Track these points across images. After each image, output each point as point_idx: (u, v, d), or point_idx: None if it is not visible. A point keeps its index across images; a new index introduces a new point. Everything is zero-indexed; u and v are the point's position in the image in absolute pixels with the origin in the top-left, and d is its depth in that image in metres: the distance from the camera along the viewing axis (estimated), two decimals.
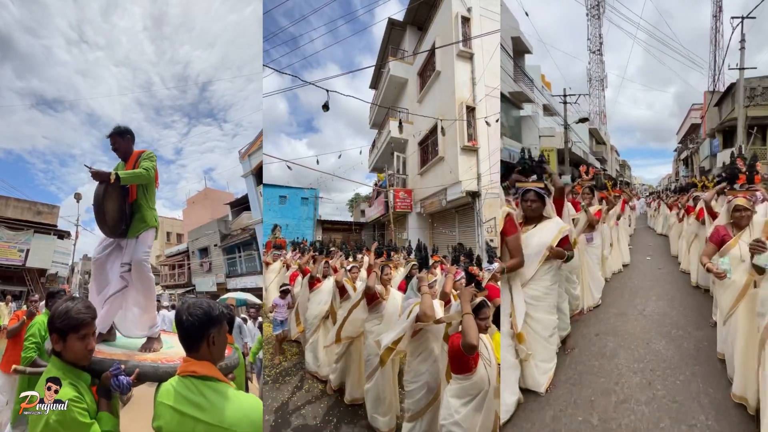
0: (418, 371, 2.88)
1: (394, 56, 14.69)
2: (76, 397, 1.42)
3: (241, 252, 17.45)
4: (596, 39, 28.37)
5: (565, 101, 15.00)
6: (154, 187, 2.51)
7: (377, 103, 16.38)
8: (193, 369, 1.40)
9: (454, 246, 6.04)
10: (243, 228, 17.44)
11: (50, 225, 16.23)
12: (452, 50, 10.65)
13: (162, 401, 1.37)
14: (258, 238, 15.85)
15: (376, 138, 17.59)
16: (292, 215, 20.71)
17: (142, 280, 2.37)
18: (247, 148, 16.43)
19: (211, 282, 18.74)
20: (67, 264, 17.46)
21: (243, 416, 1.33)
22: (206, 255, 19.43)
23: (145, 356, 2.12)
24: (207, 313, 1.44)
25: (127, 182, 2.29)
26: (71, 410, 1.38)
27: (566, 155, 14.87)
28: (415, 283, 3.08)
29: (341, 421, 3.76)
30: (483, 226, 10.11)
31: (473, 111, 10.70)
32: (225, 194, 24.02)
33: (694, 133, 22.63)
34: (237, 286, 15.95)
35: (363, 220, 20.48)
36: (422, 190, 12.83)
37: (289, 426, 3.74)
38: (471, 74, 10.85)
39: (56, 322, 1.52)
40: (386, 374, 3.42)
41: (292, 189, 20.71)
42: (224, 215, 19.62)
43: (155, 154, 2.48)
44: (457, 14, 10.84)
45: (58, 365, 1.53)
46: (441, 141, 11.32)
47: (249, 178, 16.13)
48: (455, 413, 2.30)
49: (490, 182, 10.22)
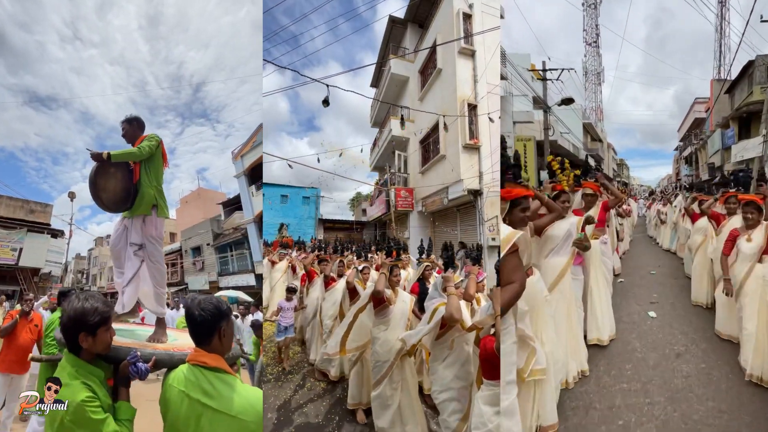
0: (446, 378, 2.65)
1: (395, 54, 14.64)
2: (88, 397, 1.45)
3: (233, 251, 17.65)
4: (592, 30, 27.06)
5: (545, 77, 12.22)
6: (157, 166, 2.62)
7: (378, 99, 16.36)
8: (204, 360, 1.50)
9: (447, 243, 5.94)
10: (235, 227, 17.68)
11: (43, 224, 16.15)
12: (454, 47, 10.60)
13: (172, 384, 1.49)
14: (249, 238, 15.98)
15: (378, 136, 17.55)
16: (294, 214, 20.70)
17: (155, 255, 2.55)
18: (240, 149, 16.67)
19: (204, 280, 18.92)
20: (60, 263, 17.38)
21: (249, 406, 1.42)
22: (199, 254, 19.60)
23: (156, 345, 2.21)
24: (217, 308, 1.54)
25: (119, 159, 2.45)
26: (84, 409, 1.42)
27: (546, 145, 12.38)
28: (439, 283, 2.85)
29: (343, 419, 3.74)
30: (485, 224, 10.07)
31: (475, 108, 10.65)
32: (218, 194, 24.26)
33: (698, 129, 20.80)
34: (229, 285, 16.24)
35: (364, 219, 20.45)
36: (424, 189, 12.79)
37: (291, 424, 3.72)
38: (473, 71, 10.80)
39: (89, 319, 1.55)
40: (394, 381, 3.22)
41: (294, 188, 20.73)
42: (217, 215, 19.81)
43: (159, 137, 2.61)
44: (459, 11, 10.78)
45: (72, 362, 1.56)
46: (443, 139, 11.28)
47: (241, 178, 16.38)
48: (488, 422, 2.12)
49: (491, 180, 10.18)
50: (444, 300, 2.67)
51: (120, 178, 2.52)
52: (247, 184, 16.20)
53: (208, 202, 23.30)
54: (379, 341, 3.31)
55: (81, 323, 1.55)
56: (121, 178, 2.52)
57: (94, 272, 33.10)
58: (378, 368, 3.29)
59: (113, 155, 2.41)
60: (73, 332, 1.55)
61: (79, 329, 1.55)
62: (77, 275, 32.90)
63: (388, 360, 3.21)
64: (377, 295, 3.35)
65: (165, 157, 2.69)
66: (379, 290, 3.30)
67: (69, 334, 1.56)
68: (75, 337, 1.55)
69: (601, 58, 28.21)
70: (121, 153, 2.46)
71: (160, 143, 2.61)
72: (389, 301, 3.42)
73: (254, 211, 15.76)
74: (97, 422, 1.44)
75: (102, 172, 2.45)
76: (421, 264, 4.08)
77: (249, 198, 16.02)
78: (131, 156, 2.49)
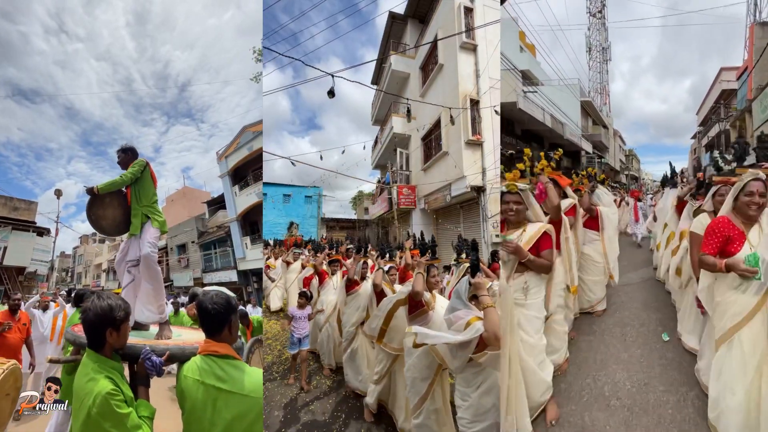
0: (481, 407, 2.24)
1: (396, 50, 14.56)
2: (113, 390, 1.53)
3: (217, 248, 18.18)
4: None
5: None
6: (145, 187, 2.85)
7: (379, 98, 16.28)
8: (214, 349, 1.63)
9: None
10: (219, 225, 18.24)
11: (28, 222, 15.75)
12: (455, 42, 10.51)
13: (187, 375, 1.61)
14: (232, 236, 16.60)
15: (379, 134, 17.50)
16: (297, 214, 20.71)
17: (149, 272, 2.71)
18: (225, 150, 17.34)
19: (188, 277, 19.37)
20: (46, 261, 17.14)
21: (258, 385, 1.61)
22: (184, 251, 20.05)
23: (166, 342, 2.35)
24: (228, 302, 1.68)
25: (105, 190, 2.68)
26: (110, 403, 1.49)
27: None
28: (463, 291, 2.33)
29: (350, 416, 3.70)
30: (488, 221, 10.01)
31: (477, 104, 10.58)
32: (202, 193, 24.69)
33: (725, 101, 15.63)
34: (213, 281, 16.95)
35: (367, 217, 20.42)
36: (426, 186, 12.72)
37: (298, 422, 3.68)
38: (475, 66, 10.71)
39: (115, 315, 1.66)
40: (436, 402, 2.75)
41: (296, 187, 20.76)
42: (201, 213, 20.31)
43: (144, 159, 2.87)
44: (460, 5, 10.69)
45: (95, 358, 1.64)
46: (445, 135, 11.21)
47: (225, 178, 17.07)
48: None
49: (495, 176, 10.11)
50: (473, 313, 2.22)
51: (117, 204, 2.80)
52: (231, 184, 16.85)
53: (193, 200, 23.67)
54: (416, 354, 2.74)
55: (108, 319, 1.65)
56: (118, 204, 2.80)
57: (79, 270, 33.01)
58: (416, 388, 2.74)
59: (99, 188, 2.66)
60: (100, 329, 1.65)
61: (106, 325, 1.65)
62: (61, 273, 32.35)
63: (428, 377, 2.70)
64: (415, 297, 2.87)
65: (154, 178, 2.92)
66: (417, 291, 2.82)
67: (95, 331, 1.66)
68: (101, 334, 1.65)
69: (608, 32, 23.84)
70: (106, 184, 2.70)
71: (147, 166, 2.85)
72: (428, 305, 2.92)
73: (237, 210, 16.36)
74: (122, 416, 1.50)
75: (98, 203, 2.71)
76: (461, 265, 3.59)
77: (232, 197, 16.67)
78: (115, 185, 2.72)
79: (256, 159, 15.87)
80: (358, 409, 3.81)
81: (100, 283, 27.22)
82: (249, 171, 16.45)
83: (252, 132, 16.09)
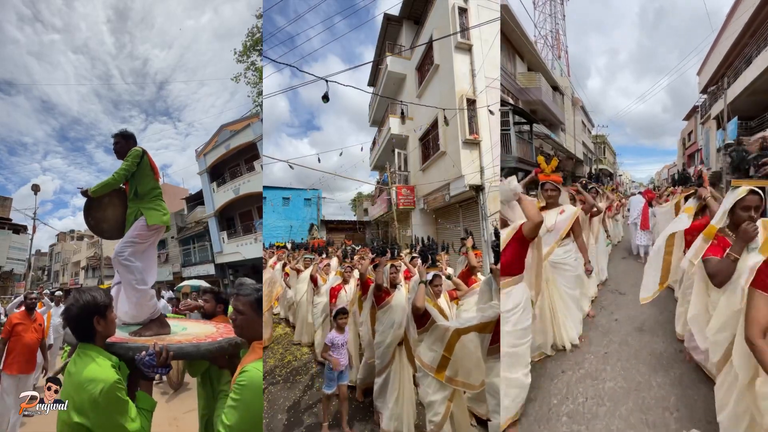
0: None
1: (392, 52, 14.59)
2: (118, 380, 1.57)
3: (195, 243, 18.78)
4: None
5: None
6: (142, 177, 2.55)
7: (376, 99, 16.30)
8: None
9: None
10: (197, 221, 18.86)
11: (3, 219, 15.30)
12: (450, 43, 10.55)
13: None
14: (210, 231, 17.23)
15: (377, 136, 17.52)
16: (296, 216, 20.72)
17: (122, 273, 2.44)
18: (203, 148, 17.94)
19: (168, 272, 19.75)
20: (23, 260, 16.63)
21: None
22: (163, 247, 20.42)
23: (179, 338, 2.18)
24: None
25: (98, 193, 2.47)
26: (116, 390, 1.54)
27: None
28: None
29: (353, 418, 3.70)
30: (488, 219, 10.02)
31: (474, 103, 10.60)
32: (181, 190, 25.21)
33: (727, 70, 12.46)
34: (191, 275, 17.37)
35: (366, 218, 20.42)
36: (425, 186, 12.74)
37: (301, 425, 3.69)
38: (470, 66, 10.74)
39: (99, 302, 1.70)
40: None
41: (295, 190, 20.77)
42: (180, 209, 20.91)
43: (141, 149, 2.54)
44: (454, 5, 10.73)
45: (92, 348, 1.67)
46: (442, 135, 11.23)
47: (204, 175, 17.67)
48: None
49: (493, 175, 10.13)
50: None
51: (118, 202, 2.58)
52: (209, 180, 17.37)
53: (172, 197, 23.98)
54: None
55: (94, 307, 1.68)
56: (119, 203, 2.58)
57: (56, 269, 32.27)
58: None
59: (92, 191, 2.45)
60: (87, 319, 1.67)
61: (93, 313, 1.67)
62: (37, 272, 31.23)
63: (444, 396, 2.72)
64: (416, 312, 2.80)
65: (154, 168, 2.60)
66: (418, 306, 2.77)
67: (83, 323, 1.67)
68: (89, 323, 1.67)
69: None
70: (99, 186, 2.47)
71: (144, 154, 2.53)
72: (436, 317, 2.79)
73: (215, 205, 16.93)
74: (124, 403, 1.56)
75: (96, 205, 2.53)
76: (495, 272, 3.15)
77: (210, 194, 17.23)
78: (109, 186, 2.47)
79: (233, 157, 16.38)
80: (361, 410, 3.81)
81: (78, 281, 26.69)
82: (226, 168, 16.95)
83: (229, 131, 16.55)
